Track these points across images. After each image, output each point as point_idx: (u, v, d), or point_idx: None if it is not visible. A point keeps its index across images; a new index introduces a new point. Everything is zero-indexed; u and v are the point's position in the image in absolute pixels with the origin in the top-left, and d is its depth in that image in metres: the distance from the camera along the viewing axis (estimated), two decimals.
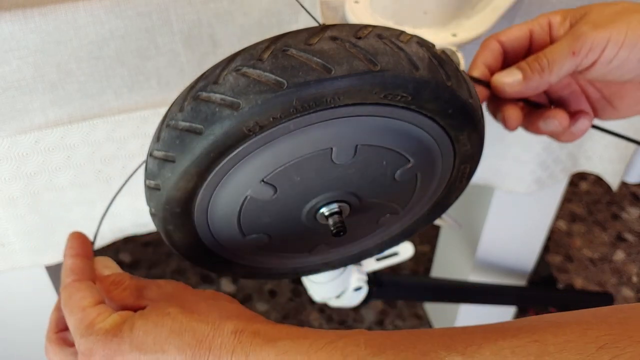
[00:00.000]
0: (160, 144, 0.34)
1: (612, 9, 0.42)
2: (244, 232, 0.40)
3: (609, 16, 0.41)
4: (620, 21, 0.40)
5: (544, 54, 0.42)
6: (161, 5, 0.48)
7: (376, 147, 0.36)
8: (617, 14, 0.41)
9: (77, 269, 0.38)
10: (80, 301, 0.35)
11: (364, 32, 0.32)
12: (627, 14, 0.41)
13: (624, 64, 0.41)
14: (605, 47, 0.40)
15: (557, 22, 0.44)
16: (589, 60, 0.41)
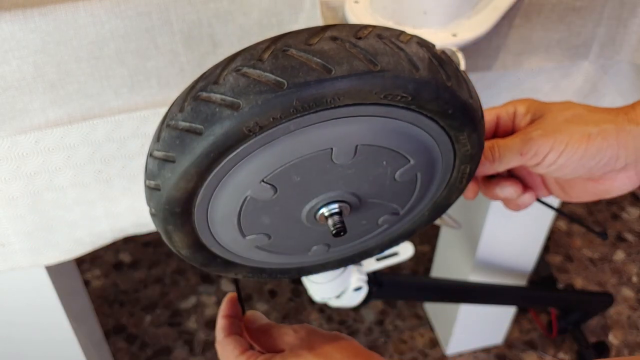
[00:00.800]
0: (160, 144, 0.34)
1: (564, 115, 0.46)
2: (244, 232, 0.40)
3: (558, 124, 0.46)
4: (565, 131, 0.45)
5: (498, 147, 0.47)
6: (161, 5, 0.48)
7: (376, 147, 0.36)
8: (565, 123, 0.46)
9: (226, 327, 0.48)
10: (232, 352, 0.45)
11: (364, 32, 0.32)
12: (573, 124, 0.45)
13: (563, 168, 0.46)
14: (548, 153, 0.45)
15: (521, 113, 0.48)
16: (534, 162, 0.46)
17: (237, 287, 0.51)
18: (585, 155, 0.45)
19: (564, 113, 0.46)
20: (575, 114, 0.46)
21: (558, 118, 0.46)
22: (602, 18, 0.60)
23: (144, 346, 1.22)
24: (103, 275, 1.35)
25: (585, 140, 0.45)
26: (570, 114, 0.46)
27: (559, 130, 0.45)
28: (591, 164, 0.45)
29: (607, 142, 0.44)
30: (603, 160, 0.45)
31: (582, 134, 0.45)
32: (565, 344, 1.23)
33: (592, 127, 0.45)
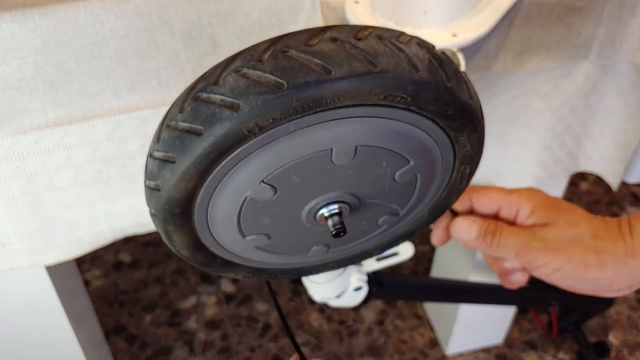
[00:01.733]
0: (160, 145, 0.34)
1: (568, 234, 0.47)
2: (244, 232, 0.40)
3: (560, 242, 0.46)
4: (565, 252, 0.46)
5: (499, 236, 0.48)
6: (161, 5, 0.48)
7: (376, 148, 0.36)
8: (567, 244, 0.46)
9: None
10: None
11: (364, 33, 0.32)
12: (574, 247, 0.46)
13: (553, 280, 0.47)
14: (542, 266, 0.46)
15: (525, 214, 0.49)
16: (526, 266, 0.48)
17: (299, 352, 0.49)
18: (579, 280, 0.46)
19: (568, 231, 0.47)
20: (579, 235, 0.47)
21: (562, 234, 0.47)
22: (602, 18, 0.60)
23: (144, 346, 1.22)
24: (103, 275, 1.35)
25: (583, 268, 0.46)
26: (574, 235, 0.47)
27: (559, 250, 0.46)
28: (582, 286, 0.47)
29: (604, 273, 0.46)
30: (595, 285, 0.47)
31: (581, 260, 0.46)
32: (565, 344, 1.23)
33: (591, 257, 0.46)
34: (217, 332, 1.24)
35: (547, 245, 0.46)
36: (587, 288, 0.47)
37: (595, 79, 0.65)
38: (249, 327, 1.25)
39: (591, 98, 0.67)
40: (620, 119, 0.68)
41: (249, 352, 1.21)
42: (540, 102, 0.65)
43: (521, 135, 0.69)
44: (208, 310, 1.28)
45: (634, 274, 0.46)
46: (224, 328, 1.25)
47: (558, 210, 0.48)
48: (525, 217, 0.49)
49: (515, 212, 0.49)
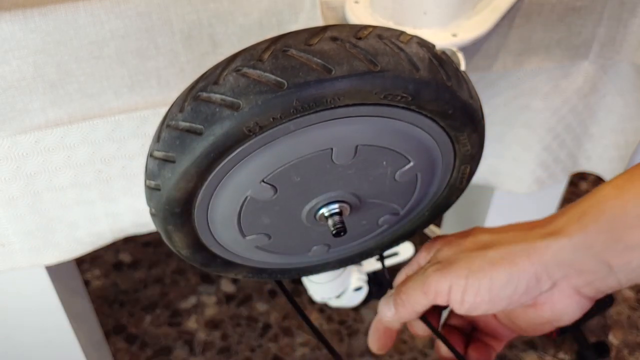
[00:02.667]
0: (160, 145, 0.34)
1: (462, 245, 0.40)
2: (244, 232, 0.40)
3: (453, 255, 0.40)
4: (462, 262, 0.39)
5: (402, 290, 0.42)
6: (161, 5, 0.48)
7: (376, 148, 0.36)
8: (462, 253, 0.39)
9: None
10: None
11: (364, 32, 0.32)
12: (471, 251, 0.39)
13: (479, 304, 0.38)
14: (449, 291, 0.39)
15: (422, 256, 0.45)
16: (441, 301, 0.40)
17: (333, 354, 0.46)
18: (494, 285, 0.37)
19: (461, 242, 0.40)
20: (475, 240, 0.40)
21: (455, 248, 0.40)
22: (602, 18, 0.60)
23: (144, 346, 1.22)
24: (103, 275, 1.35)
25: (488, 269, 0.37)
26: (470, 242, 0.40)
27: (455, 262, 0.39)
28: (507, 293, 0.37)
29: (517, 266, 0.37)
30: (521, 286, 0.37)
31: (483, 261, 0.38)
32: (565, 344, 1.23)
33: (493, 252, 0.38)
34: (217, 332, 1.24)
35: (441, 264, 0.40)
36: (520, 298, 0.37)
37: (595, 79, 0.65)
38: (249, 327, 1.25)
39: (591, 98, 0.67)
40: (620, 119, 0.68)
41: (249, 352, 1.21)
42: (540, 102, 0.65)
43: (521, 135, 0.69)
44: (208, 310, 1.28)
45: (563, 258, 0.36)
46: (224, 328, 1.25)
47: (453, 235, 0.43)
48: (423, 257, 0.45)
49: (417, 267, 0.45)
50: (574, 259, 0.36)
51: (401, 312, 0.42)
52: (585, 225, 0.35)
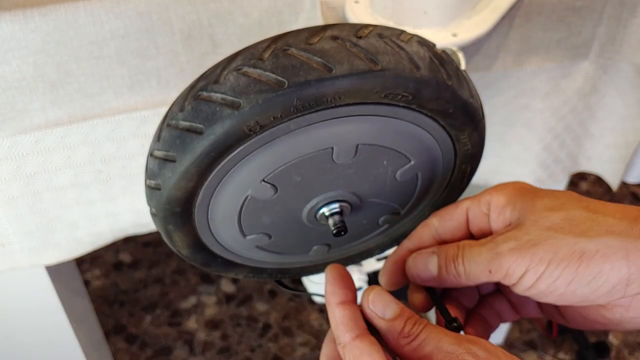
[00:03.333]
0: (160, 144, 0.34)
1: (551, 219, 0.34)
2: (244, 232, 0.40)
3: (539, 234, 0.33)
4: (548, 245, 0.33)
5: (463, 260, 0.36)
6: (161, 5, 0.48)
7: (377, 147, 0.36)
8: (550, 232, 0.33)
9: (351, 323, 0.33)
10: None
11: (364, 31, 0.32)
12: (561, 233, 0.33)
13: (547, 294, 0.34)
14: (523, 275, 0.33)
15: (499, 205, 0.37)
16: (507, 283, 0.35)
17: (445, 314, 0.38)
18: (577, 280, 0.32)
19: (551, 216, 0.34)
20: (567, 217, 0.33)
21: (541, 223, 0.34)
22: (602, 18, 0.60)
23: (144, 346, 1.22)
24: (103, 275, 1.35)
25: (577, 260, 0.32)
26: (560, 218, 0.33)
27: (539, 243, 0.33)
28: (586, 292, 0.33)
29: (611, 263, 0.31)
30: (605, 287, 0.32)
31: (572, 250, 0.32)
32: (565, 344, 1.23)
33: (587, 241, 0.32)
34: (217, 332, 1.24)
35: (520, 243, 0.34)
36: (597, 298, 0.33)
37: (595, 79, 0.65)
38: (249, 327, 1.25)
39: (591, 98, 0.67)
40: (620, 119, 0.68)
41: (249, 352, 1.21)
42: (540, 102, 0.65)
43: (521, 135, 0.69)
44: (208, 310, 1.28)
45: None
46: (224, 328, 1.25)
47: (538, 194, 0.36)
48: (500, 209, 0.37)
49: (486, 213, 0.38)
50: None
51: (444, 279, 0.37)
52: None
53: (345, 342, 0.33)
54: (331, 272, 0.36)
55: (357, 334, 0.33)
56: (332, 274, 0.36)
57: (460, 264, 0.36)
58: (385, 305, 0.34)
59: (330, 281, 0.35)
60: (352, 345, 0.32)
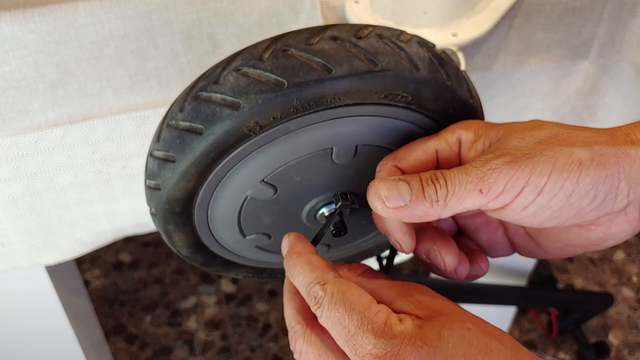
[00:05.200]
0: (160, 144, 0.34)
1: (536, 135, 0.32)
2: (244, 232, 0.40)
3: (531, 147, 0.32)
4: (545, 156, 0.31)
5: (446, 180, 0.32)
6: (161, 5, 0.48)
7: (376, 147, 0.36)
8: (541, 145, 0.31)
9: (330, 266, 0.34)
10: (361, 298, 0.31)
11: (364, 32, 0.32)
12: (555, 145, 0.31)
13: (541, 212, 0.32)
14: (522, 190, 0.31)
15: (469, 140, 0.35)
16: (499, 204, 0.32)
17: None
18: (577, 191, 0.31)
19: (534, 132, 0.32)
20: (552, 133, 0.32)
21: (528, 140, 0.32)
22: (602, 18, 0.60)
23: (144, 346, 1.22)
24: (103, 275, 1.35)
25: (576, 170, 0.31)
26: (545, 134, 0.32)
27: (535, 155, 0.31)
28: (584, 203, 0.31)
29: (606, 170, 0.31)
30: (599, 198, 0.31)
31: (570, 159, 0.31)
32: (565, 344, 1.23)
33: (582, 150, 0.31)
34: (217, 332, 1.24)
35: (515, 155, 0.31)
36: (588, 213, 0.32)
37: (595, 79, 0.65)
38: (249, 327, 1.25)
39: (591, 98, 0.67)
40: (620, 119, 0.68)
41: (249, 352, 1.21)
42: (540, 102, 0.65)
43: None
44: (208, 310, 1.28)
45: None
46: (224, 328, 1.25)
47: (512, 123, 0.34)
48: (471, 143, 0.35)
49: (456, 152, 0.35)
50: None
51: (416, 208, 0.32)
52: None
53: (329, 278, 0.33)
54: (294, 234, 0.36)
55: (340, 275, 0.33)
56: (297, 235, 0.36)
57: (443, 185, 0.32)
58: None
59: (297, 238, 0.36)
60: (337, 279, 0.33)
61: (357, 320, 0.31)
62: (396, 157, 0.36)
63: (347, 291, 0.32)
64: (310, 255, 0.34)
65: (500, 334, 0.31)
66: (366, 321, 0.30)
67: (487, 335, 0.30)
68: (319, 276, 0.33)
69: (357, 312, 0.31)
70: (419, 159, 0.35)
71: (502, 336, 0.31)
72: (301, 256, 0.35)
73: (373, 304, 0.31)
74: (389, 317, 0.31)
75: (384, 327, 0.30)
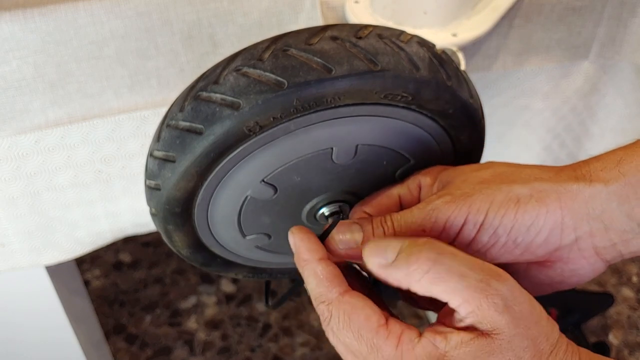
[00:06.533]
0: (160, 144, 0.34)
1: (479, 175, 0.33)
2: (244, 232, 0.40)
3: (471, 186, 0.33)
4: (483, 194, 0.32)
5: (393, 221, 0.34)
6: (161, 5, 0.48)
7: (376, 147, 0.36)
8: (482, 184, 0.33)
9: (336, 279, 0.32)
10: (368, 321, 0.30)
11: (364, 32, 0.32)
12: (494, 184, 0.32)
13: (487, 249, 0.33)
14: (462, 227, 0.32)
15: (427, 184, 0.36)
16: (445, 239, 0.33)
17: None
18: (516, 227, 0.32)
19: (479, 173, 0.34)
20: (496, 172, 0.33)
21: (471, 180, 0.33)
22: (602, 18, 0.60)
23: (144, 346, 1.22)
24: (103, 275, 1.35)
25: (514, 206, 0.32)
26: (489, 174, 0.33)
27: (474, 194, 0.32)
28: (527, 240, 0.32)
29: (546, 206, 0.32)
30: (542, 234, 0.32)
31: (508, 197, 0.32)
32: None
33: (520, 187, 0.32)
34: (217, 332, 1.24)
35: (455, 195, 0.32)
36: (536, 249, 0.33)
37: (595, 79, 0.65)
38: (249, 327, 1.25)
39: (591, 98, 0.67)
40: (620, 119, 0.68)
41: (249, 352, 1.21)
42: (540, 102, 0.65)
43: (521, 135, 0.69)
44: (208, 310, 1.28)
45: (594, 208, 0.31)
46: (224, 328, 1.25)
47: (462, 167, 0.36)
48: (428, 187, 0.36)
49: (416, 196, 0.37)
50: (605, 211, 0.31)
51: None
52: (624, 173, 0.31)
53: (332, 298, 0.31)
54: (299, 233, 0.34)
55: (344, 289, 0.32)
56: (302, 234, 0.34)
57: (390, 226, 0.34)
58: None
59: (303, 240, 0.34)
60: (341, 300, 0.31)
61: (366, 348, 0.30)
62: (365, 203, 0.38)
63: (352, 314, 0.31)
64: (316, 265, 0.33)
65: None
66: (375, 349, 0.30)
67: None
68: (323, 294, 0.32)
69: (365, 339, 0.30)
70: (383, 204, 0.38)
71: None
72: (308, 265, 0.33)
73: (381, 329, 0.30)
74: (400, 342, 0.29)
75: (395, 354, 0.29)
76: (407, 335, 0.30)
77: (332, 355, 1.20)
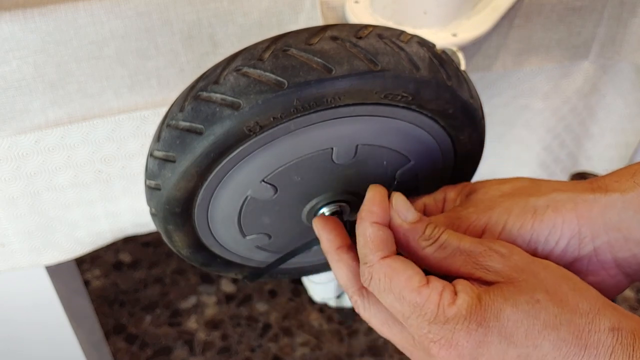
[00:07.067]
0: (160, 144, 0.34)
1: (501, 189, 0.35)
2: (244, 232, 0.40)
3: (492, 199, 0.35)
4: (502, 206, 0.34)
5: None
6: (161, 5, 0.48)
7: (377, 147, 0.36)
8: (502, 197, 0.35)
9: (382, 244, 0.32)
10: (409, 282, 0.30)
11: (364, 32, 0.32)
12: (513, 197, 0.34)
13: None
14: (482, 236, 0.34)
15: (451, 198, 0.38)
16: None
17: None
18: (534, 237, 0.33)
19: (500, 187, 0.36)
20: (515, 186, 0.35)
21: (492, 193, 0.35)
22: (602, 18, 0.60)
23: (144, 346, 1.22)
24: (103, 275, 1.35)
25: (531, 217, 0.33)
26: (509, 187, 0.35)
27: (493, 207, 0.34)
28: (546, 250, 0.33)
29: (562, 216, 0.33)
30: (561, 244, 0.33)
31: (525, 208, 0.33)
32: None
33: (536, 199, 0.33)
34: (217, 332, 1.24)
35: (477, 207, 0.34)
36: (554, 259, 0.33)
37: (595, 79, 0.65)
38: (249, 327, 1.25)
39: (591, 98, 0.67)
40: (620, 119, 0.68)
41: (249, 352, 1.21)
42: (540, 102, 0.65)
43: (521, 135, 0.69)
44: (208, 310, 1.28)
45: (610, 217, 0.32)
46: (224, 328, 1.25)
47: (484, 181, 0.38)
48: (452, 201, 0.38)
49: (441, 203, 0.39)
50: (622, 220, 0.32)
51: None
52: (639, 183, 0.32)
53: (374, 261, 0.32)
54: (373, 192, 0.34)
55: (386, 254, 0.32)
56: (374, 194, 0.34)
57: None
58: (407, 209, 0.34)
59: (370, 199, 0.34)
60: (381, 263, 0.31)
61: (409, 308, 0.30)
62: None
63: (393, 276, 0.31)
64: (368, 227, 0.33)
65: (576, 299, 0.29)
66: (418, 308, 0.30)
67: (559, 305, 0.29)
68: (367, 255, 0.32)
69: (407, 300, 0.30)
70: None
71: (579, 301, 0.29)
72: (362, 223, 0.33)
73: (423, 288, 0.30)
74: (442, 298, 0.30)
75: (437, 312, 0.30)
76: (448, 291, 0.30)
77: (332, 355, 1.20)
